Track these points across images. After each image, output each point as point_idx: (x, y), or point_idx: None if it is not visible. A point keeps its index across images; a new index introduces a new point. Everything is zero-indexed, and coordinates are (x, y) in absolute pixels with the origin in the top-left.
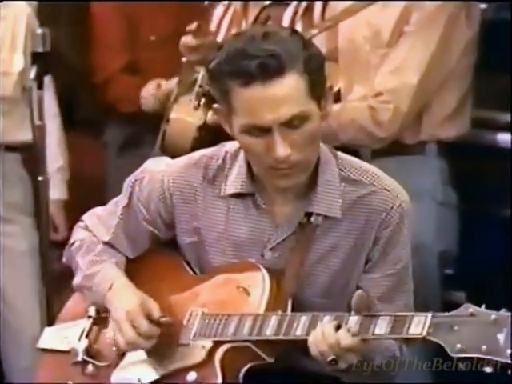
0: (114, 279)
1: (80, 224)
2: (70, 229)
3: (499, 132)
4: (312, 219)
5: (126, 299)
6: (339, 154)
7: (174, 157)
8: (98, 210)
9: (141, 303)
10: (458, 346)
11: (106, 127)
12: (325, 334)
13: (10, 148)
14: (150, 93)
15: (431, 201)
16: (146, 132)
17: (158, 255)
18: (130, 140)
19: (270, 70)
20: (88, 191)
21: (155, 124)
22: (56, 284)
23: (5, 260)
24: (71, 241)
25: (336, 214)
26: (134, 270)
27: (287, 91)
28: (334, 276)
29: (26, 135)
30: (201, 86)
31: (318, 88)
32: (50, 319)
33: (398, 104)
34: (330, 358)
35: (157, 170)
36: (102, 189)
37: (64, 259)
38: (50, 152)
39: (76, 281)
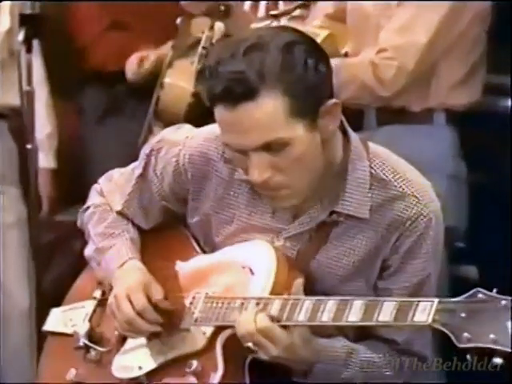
0: (125, 258)
1: (96, 187)
2: (57, 199)
3: None
4: (336, 217)
5: (131, 277)
6: (371, 146)
7: (167, 123)
8: (116, 173)
9: (144, 283)
10: (465, 335)
11: (85, 93)
12: (246, 318)
13: None
14: (132, 67)
15: (440, 173)
16: (128, 97)
17: (167, 230)
18: (111, 106)
19: (236, 94)
20: (69, 160)
21: (138, 89)
22: (46, 257)
23: None
24: (85, 205)
25: (364, 215)
26: (144, 246)
27: (258, 117)
28: (345, 277)
29: (12, 100)
30: (204, 48)
31: (308, 108)
32: (40, 294)
33: (402, 62)
34: (249, 345)
35: (175, 141)
36: (82, 158)
37: (78, 223)
38: (38, 119)
39: (87, 251)
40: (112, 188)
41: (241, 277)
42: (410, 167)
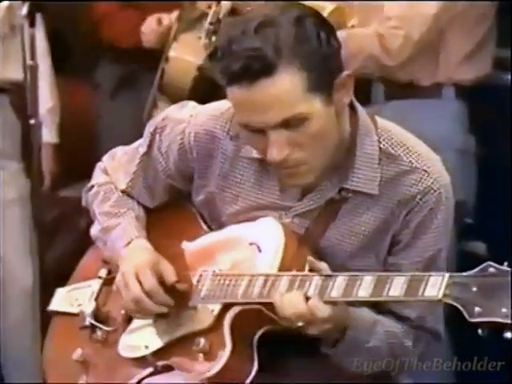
0: (132, 237)
1: (100, 165)
2: (61, 175)
3: None
4: (345, 194)
5: (139, 256)
6: (379, 121)
7: (172, 97)
8: (119, 151)
9: (154, 262)
10: (477, 309)
11: (98, 68)
12: (292, 300)
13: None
14: (150, 28)
15: (448, 148)
16: (140, 72)
17: (173, 209)
18: (124, 81)
19: (254, 71)
20: (80, 136)
21: (151, 63)
22: (49, 234)
23: None
24: (89, 184)
25: (373, 191)
26: (149, 223)
27: (276, 93)
28: (355, 254)
29: (14, 74)
30: (211, 24)
31: (324, 81)
32: (43, 271)
33: (408, 31)
34: (298, 324)
35: (179, 119)
36: (95, 134)
37: (83, 203)
38: (41, 93)
39: (93, 231)
40: (116, 166)
41: (248, 254)
42: (419, 141)
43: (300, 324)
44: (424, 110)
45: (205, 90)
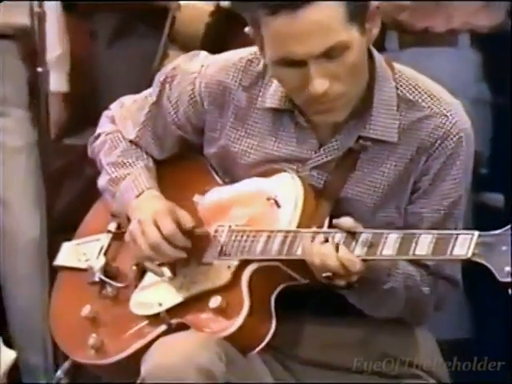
0: (143, 188)
1: (107, 113)
2: (68, 123)
3: None
4: (363, 143)
5: (155, 204)
6: (397, 66)
7: (184, 46)
8: (128, 100)
9: (171, 209)
10: (507, 268)
11: (96, 15)
12: (323, 250)
13: (5, 36)
14: None
15: (463, 97)
16: (140, 20)
17: (184, 161)
18: (122, 28)
19: None
20: (79, 84)
21: (150, 11)
22: (56, 183)
23: None
24: (96, 133)
25: (392, 139)
26: (160, 175)
27: (320, 21)
28: (377, 205)
29: (20, 19)
30: None
31: (360, 10)
32: (50, 221)
33: None
34: (325, 274)
35: (190, 69)
36: (93, 81)
37: (89, 153)
38: (48, 40)
39: (100, 182)
40: (124, 115)
41: (266, 209)
42: (438, 86)
43: (328, 275)
44: (439, 58)
45: (217, 37)
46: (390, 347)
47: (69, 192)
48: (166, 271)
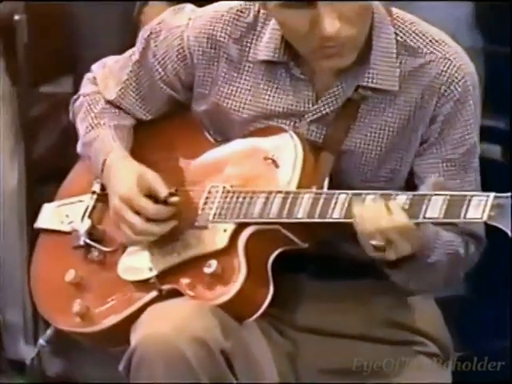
0: (108, 150)
1: (89, 75)
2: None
3: None
4: (363, 92)
5: (120, 178)
6: (395, 11)
7: None
8: (110, 60)
9: (138, 178)
10: None
11: None
12: (374, 212)
13: None
14: None
15: None
16: None
17: (174, 120)
18: None
19: None
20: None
21: None
22: (33, 132)
23: None
24: (76, 95)
25: (393, 87)
26: (146, 135)
27: None
28: (381, 157)
29: None
30: None
31: None
32: (29, 172)
33: None
34: (375, 243)
35: (176, 23)
36: (69, 29)
37: (70, 116)
38: None
39: (78, 148)
40: (106, 74)
41: (263, 169)
42: (439, 31)
43: (378, 244)
44: (430, 6)
45: None
46: (393, 313)
47: (46, 140)
48: None
